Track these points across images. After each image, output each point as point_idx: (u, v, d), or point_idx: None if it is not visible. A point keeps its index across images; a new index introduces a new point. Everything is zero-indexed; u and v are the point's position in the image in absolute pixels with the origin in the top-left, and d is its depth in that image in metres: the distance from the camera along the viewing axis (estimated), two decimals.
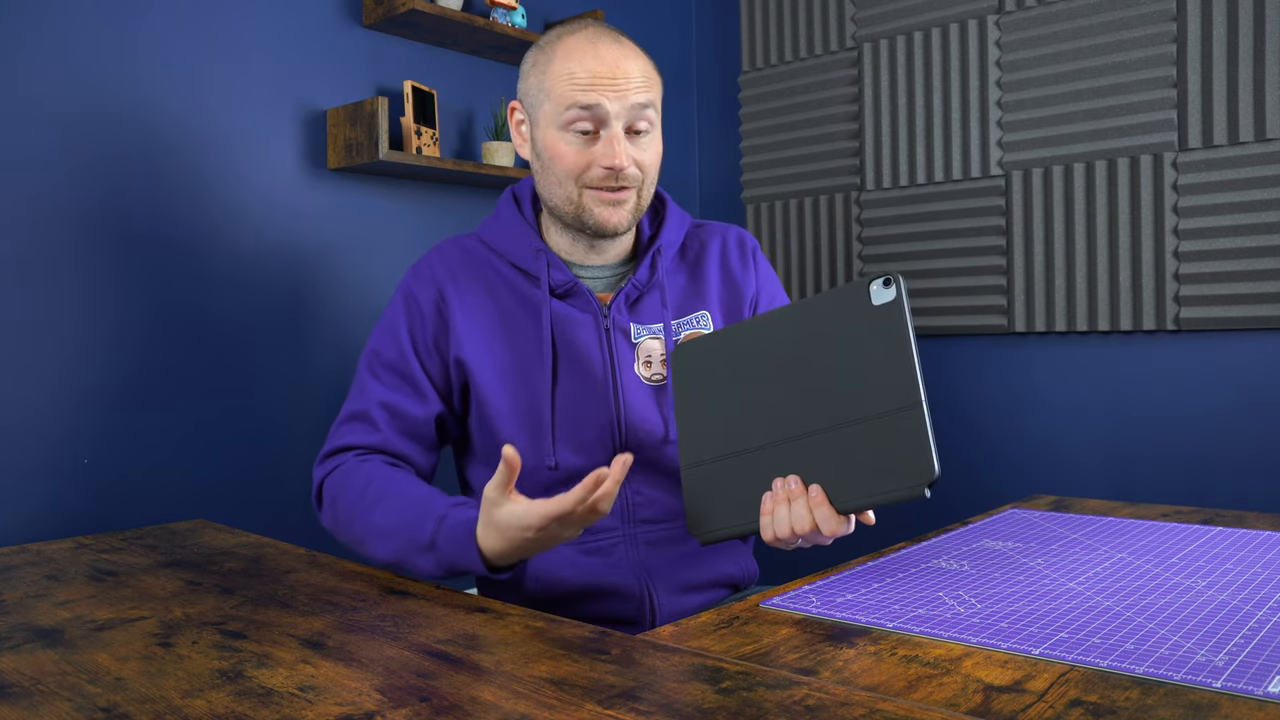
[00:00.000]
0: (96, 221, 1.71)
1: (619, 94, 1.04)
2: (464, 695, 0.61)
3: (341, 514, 1.05)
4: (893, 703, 0.58)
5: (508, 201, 1.19)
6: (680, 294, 1.17)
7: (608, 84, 1.04)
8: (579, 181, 1.07)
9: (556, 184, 1.09)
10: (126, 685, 0.64)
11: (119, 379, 1.73)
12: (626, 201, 1.09)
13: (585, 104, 1.04)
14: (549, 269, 1.11)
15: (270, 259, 1.94)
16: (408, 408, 1.11)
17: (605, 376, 1.10)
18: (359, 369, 1.15)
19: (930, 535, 1.14)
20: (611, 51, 1.06)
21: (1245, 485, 2.04)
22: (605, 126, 1.05)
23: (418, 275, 1.15)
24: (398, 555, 0.98)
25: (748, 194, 2.79)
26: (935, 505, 2.47)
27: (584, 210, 1.08)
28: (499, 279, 1.14)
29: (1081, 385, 2.25)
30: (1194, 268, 2.06)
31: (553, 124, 1.07)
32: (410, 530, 0.96)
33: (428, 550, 0.95)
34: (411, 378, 1.11)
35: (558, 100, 1.05)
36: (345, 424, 1.12)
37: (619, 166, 1.05)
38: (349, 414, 1.12)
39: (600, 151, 1.05)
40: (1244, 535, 1.08)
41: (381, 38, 2.13)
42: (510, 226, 1.16)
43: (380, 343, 1.14)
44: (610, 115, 1.04)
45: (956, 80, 2.38)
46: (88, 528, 1.66)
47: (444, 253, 1.17)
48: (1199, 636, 0.73)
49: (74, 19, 1.68)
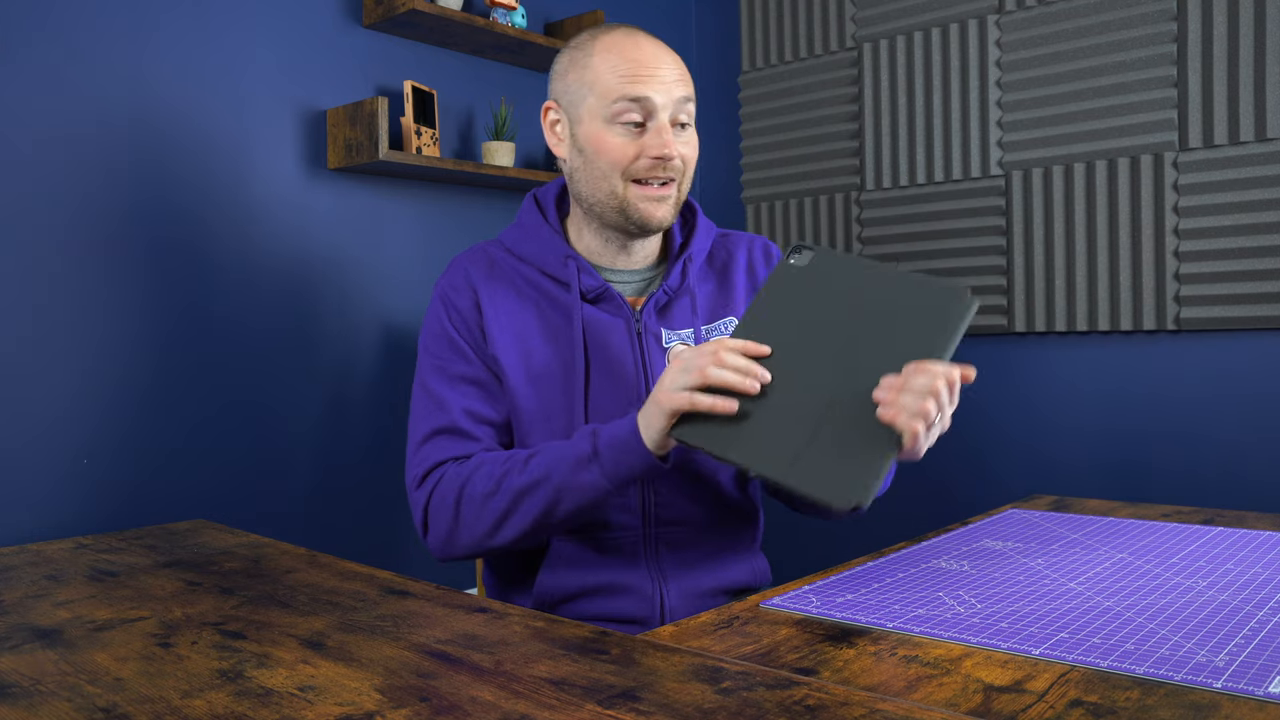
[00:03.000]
0: (95, 222, 1.71)
1: (664, 86, 1.06)
2: (464, 695, 0.61)
3: (467, 509, 1.02)
4: (893, 703, 0.58)
5: (530, 208, 1.19)
6: (709, 300, 1.18)
7: (654, 76, 1.06)
8: (625, 174, 1.08)
9: (601, 178, 1.09)
10: (126, 685, 0.64)
11: (119, 379, 1.73)
12: (670, 196, 1.10)
13: (634, 95, 1.05)
14: (579, 274, 1.12)
15: (271, 259, 1.94)
16: (490, 414, 1.09)
17: (637, 380, 1.11)
18: (421, 384, 1.12)
19: (930, 535, 1.14)
20: (653, 45, 1.09)
21: (1245, 485, 2.04)
22: (652, 118, 1.07)
23: (451, 281, 1.14)
24: (554, 497, 0.99)
25: (748, 194, 2.79)
26: (935, 505, 2.47)
27: (628, 205, 1.09)
28: (528, 285, 1.14)
29: (1081, 385, 2.25)
30: (1194, 268, 2.06)
31: (599, 118, 1.08)
32: (566, 456, 0.98)
33: (591, 461, 0.96)
34: (482, 382, 1.10)
35: (604, 94, 1.07)
36: (430, 441, 1.08)
37: (669, 155, 1.06)
38: (432, 430, 1.08)
39: (649, 142, 1.07)
40: (1244, 535, 1.08)
41: (381, 38, 2.13)
42: (536, 233, 1.16)
43: (441, 357, 1.11)
44: (658, 106, 1.06)
45: (956, 80, 2.38)
46: (88, 528, 1.66)
47: (472, 259, 1.16)
48: (1199, 637, 0.73)
49: (74, 20, 1.68)
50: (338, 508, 2.03)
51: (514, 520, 1.01)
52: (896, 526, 2.52)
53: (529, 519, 1.00)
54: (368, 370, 2.09)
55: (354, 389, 2.06)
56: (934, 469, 2.47)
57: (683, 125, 1.10)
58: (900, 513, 2.52)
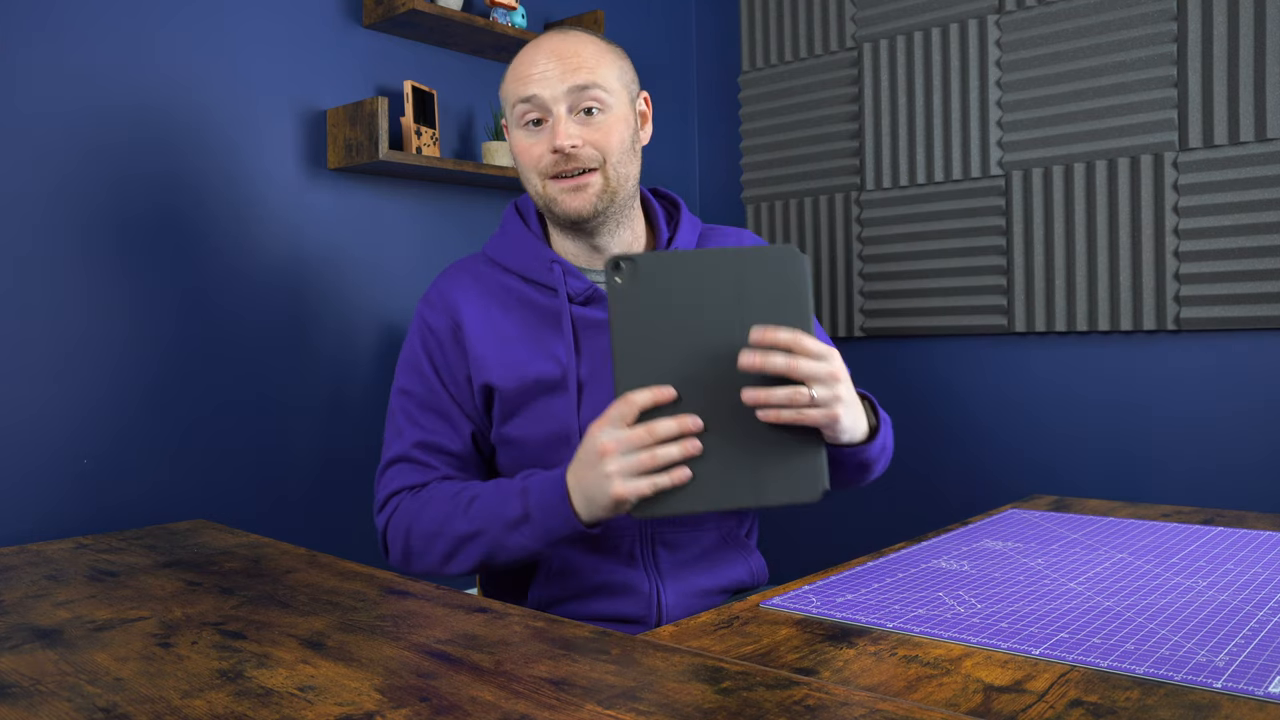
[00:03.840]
0: (95, 222, 1.71)
1: (548, 81, 1.07)
2: (464, 695, 0.61)
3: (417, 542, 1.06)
4: (893, 703, 0.58)
5: (512, 216, 1.20)
6: None
7: (536, 74, 1.07)
8: (540, 173, 1.09)
9: (527, 180, 1.11)
10: (126, 685, 0.64)
11: (119, 379, 1.72)
12: (590, 185, 1.09)
13: (524, 96, 1.07)
14: (565, 277, 1.12)
15: (271, 259, 1.94)
16: (446, 443, 1.12)
17: None
18: (391, 409, 1.16)
19: (930, 535, 1.14)
20: (552, 43, 1.09)
21: (1245, 485, 2.04)
22: (549, 113, 1.07)
23: (430, 304, 1.15)
24: (490, 550, 1.00)
25: (748, 194, 2.79)
26: (935, 505, 2.47)
27: (552, 201, 1.10)
28: (512, 296, 1.14)
29: (1081, 385, 2.25)
30: (1194, 268, 2.06)
31: (513, 125, 1.11)
32: (500, 514, 0.99)
33: (523, 524, 0.97)
34: (442, 410, 1.12)
35: (508, 100, 1.10)
36: (390, 469, 1.13)
37: (560, 147, 1.06)
38: (391, 459, 1.13)
39: (546, 138, 1.08)
40: (1244, 535, 1.08)
41: (381, 38, 2.13)
42: (519, 241, 1.16)
43: (407, 380, 1.14)
44: (548, 101, 1.06)
45: (956, 80, 2.38)
46: (88, 528, 1.66)
47: (452, 277, 1.17)
48: (1199, 637, 0.73)
49: (74, 20, 1.68)
50: (338, 508, 2.03)
51: (460, 560, 1.04)
52: (896, 526, 2.52)
53: (473, 562, 1.04)
54: (368, 370, 2.09)
55: (354, 389, 2.06)
56: (934, 469, 2.47)
57: (588, 111, 1.08)
58: (900, 513, 2.52)
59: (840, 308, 2.60)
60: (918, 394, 2.50)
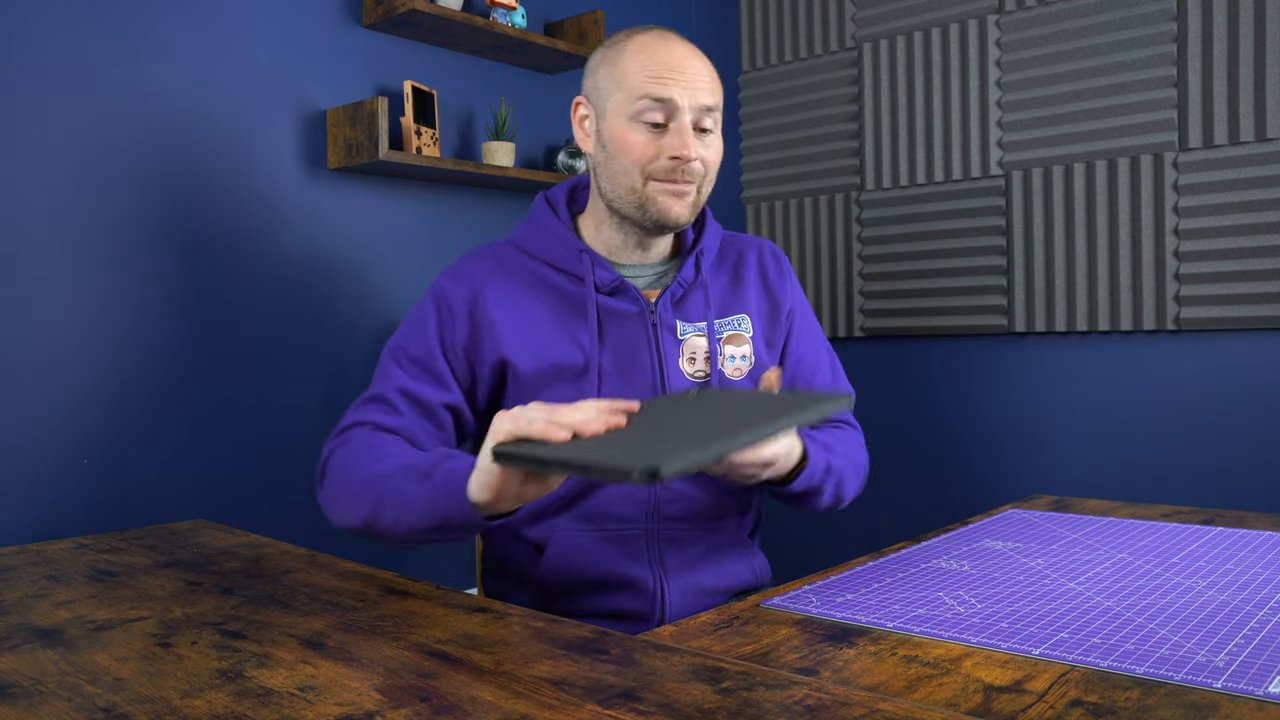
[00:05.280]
0: (94, 223, 1.71)
1: (689, 90, 1.07)
2: (464, 695, 0.61)
3: (343, 482, 1.00)
4: (893, 703, 0.58)
5: (541, 206, 1.20)
6: (722, 295, 1.20)
7: (680, 78, 1.07)
8: (644, 172, 1.09)
9: (621, 174, 1.10)
10: (126, 685, 0.64)
11: (119, 379, 1.72)
12: (689, 194, 1.11)
13: (658, 95, 1.06)
14: (594, 268, 1.12)
15: (271, 259, 1.94)
16: (427, 395, 1.10)
17: (652, 371, 1.12)
18: (382, 359, 1.14)
19: (930, 535, 1.14)
20: (685, 49, 1.10)
21: (1245, 485, 2.04)
22: (674, 119, 1.07)
23: (454, 275, 1.15)
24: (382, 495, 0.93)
25: (748, 194, 2.79)
26: (935, 505, 2.47)
27: (648, 200, 1.09)
28: (539, 281, 1.14)
29: (1081, 385, 2.25)
30: (1194, 268, 2.06)
31: (622, 115, 1.09)
32: (416, 463, 0.93)
33: (424, 479, 0.90)
34: (435, 371, 1.11)
35: (630, 91, 1.08)
36: (365, 404, 1.10)
37: (687, 157, 1.07)
38: (369, 396, 1.11)
39: (669, 143, 1.07)
40: (1244, 535, 1.08)
41: (381, 38, 2.13)
42: (550, 231, 1.16)
43: (407, 338, 1.13)
44: (680, 108, 1.07)
45: (956, 80, 2.38)
46: (88, 528, 1.66)
47: (480, 257, 1.17)
48: (1199, 637, 0.73)
49: (74, 21, 1.68)
50: None
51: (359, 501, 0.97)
52: (896, 526, 2.52)
53: (367, 505, 0.96)
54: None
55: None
56: (934, 469, 2.47)
57: (705, 130, 1.10)
58: (900, 513, 2.52)
59: (840, 308, 2.60)
60: (918, 394, 2.50)
